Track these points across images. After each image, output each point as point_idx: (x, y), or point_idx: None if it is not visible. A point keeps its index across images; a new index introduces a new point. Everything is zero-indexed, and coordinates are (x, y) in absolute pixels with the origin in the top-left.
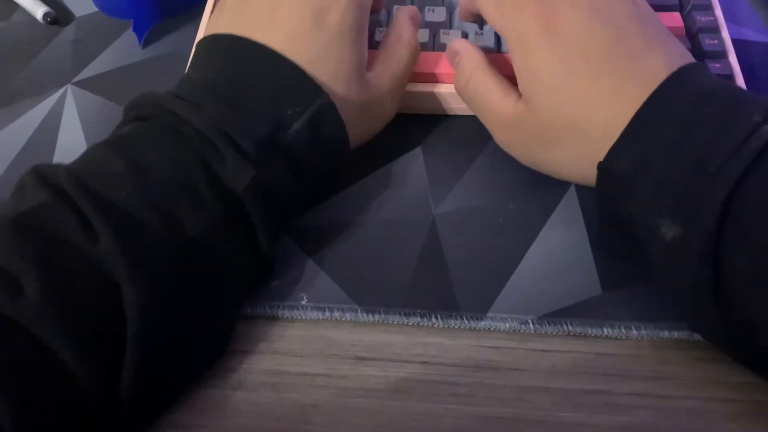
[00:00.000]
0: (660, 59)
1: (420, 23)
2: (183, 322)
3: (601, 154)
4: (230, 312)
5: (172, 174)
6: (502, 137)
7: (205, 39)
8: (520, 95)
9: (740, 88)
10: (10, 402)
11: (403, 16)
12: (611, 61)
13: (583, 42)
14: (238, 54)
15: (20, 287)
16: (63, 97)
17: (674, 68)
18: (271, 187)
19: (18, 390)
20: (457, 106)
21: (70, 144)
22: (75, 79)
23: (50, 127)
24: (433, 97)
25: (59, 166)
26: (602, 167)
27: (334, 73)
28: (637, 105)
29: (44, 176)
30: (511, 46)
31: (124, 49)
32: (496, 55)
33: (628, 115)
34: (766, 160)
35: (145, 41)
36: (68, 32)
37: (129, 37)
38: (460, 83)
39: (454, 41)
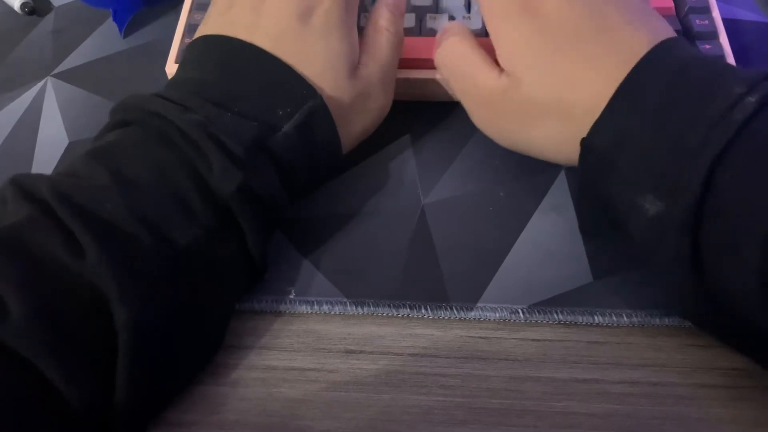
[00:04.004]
0: (641, 34)
1: (405, 8)
2: (176, 334)
3: (583, 131)
4: (223, 317)
5: (159, 183)
6: (482, 114)
7: (193, 41)
8: (502, 70)
9: (723, 61)
10: None
11: (379, 3)
12: (591, 37)
13: (563, 19)
14: (226, 54)
15: (4, 307)
16: (43, 90)
17: (655, 42)
18: (259, 191)
19: (4, 413)
20: (445, 92)
21: (52, 138)
22: (55, 71)
23: (30, 120)
24: (421, 83)
25: (41, 176)
26: (584, 143)
27: (323, 70)
28: (618, 80)
29: (25, 188)
30: (490, 22)
31: (104, 39)
32: (483, 40)
33: (610, 90)
34: (749, 132)
35: (126, 30)
36: (47, 22)
37: (109, 26)
38: (442, 53)
39: (445, 24)
